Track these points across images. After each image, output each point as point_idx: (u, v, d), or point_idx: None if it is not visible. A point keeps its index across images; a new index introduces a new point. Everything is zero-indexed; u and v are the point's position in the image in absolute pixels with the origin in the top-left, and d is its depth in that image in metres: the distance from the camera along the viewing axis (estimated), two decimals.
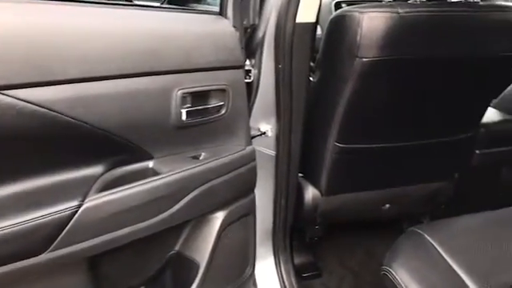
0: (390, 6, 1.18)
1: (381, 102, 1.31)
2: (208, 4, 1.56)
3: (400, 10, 1.16)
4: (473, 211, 1.92)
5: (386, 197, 1.59)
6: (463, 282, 1.01)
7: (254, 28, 1.20)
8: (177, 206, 0.98)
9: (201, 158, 1.06)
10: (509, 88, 1.67)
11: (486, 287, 0.99)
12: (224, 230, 1.13)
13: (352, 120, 1.34)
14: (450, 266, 1.06)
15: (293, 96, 1.26)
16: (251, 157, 1.17)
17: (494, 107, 1.79)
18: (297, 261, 1.63)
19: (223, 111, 1.08)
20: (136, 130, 0.93)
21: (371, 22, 1.17)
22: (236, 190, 1.14)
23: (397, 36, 1.18)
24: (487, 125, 1.64)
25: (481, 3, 1.31)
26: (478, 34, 1.26)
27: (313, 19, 1.20)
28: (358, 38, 1.18)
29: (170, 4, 1.63)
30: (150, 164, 0.99)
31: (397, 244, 1.17)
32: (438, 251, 1.10)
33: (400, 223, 1.87)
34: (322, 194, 1.50)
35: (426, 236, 1.14)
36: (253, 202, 1.23)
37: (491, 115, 1.63)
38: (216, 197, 1.08)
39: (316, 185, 1.50)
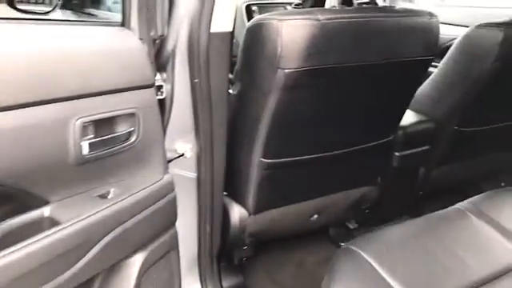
0: (310, 13, 1.11)
1: (306, 114, 1.24)
2: (109, 10, 1.38)
3: (321, 17, 1.09)
4: (393, 214, 1.97)
5: (315, 207, 1.54)
6: None
7: (163, 39, 1.06)
8: (84, 259, 0.82)
9: (110, 196, 0.90)
10: (420, 89, 1.70)
11: None
12: (144, 274, 0.99)
13: (277, 134, 1.25)
14: (389, 284, 1.01)
15: (212, 112, 1.14)
16: (170, 187, 1.03)
17: (409, 108, 1.82)
18: (225, 284, 1.52)
19: (133, 138, 0.93)
20: (24, 173, 0.75)
21: (292, 31, 1.08)
22: (155, 227, 1.00)
23: (319, 44, 1.11)
24: (404, 127, 1.65)
25: (396, 8, 1.29)
26: (394, 38, 1.23)
27: (229, 28, 1.08)
28: (279, 48, 1.09)
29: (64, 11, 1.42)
30: (46, 211, 0.82)
31: (333, 264, 1.10)
32: (376, 269, 1.05)
33: (326, 230, 1.84)
34: (249, 214, 1.40)
35: (361, 253, 1.09)
36: (174, 236, 1.09)
37: (407, 117, 1.65)
38: (132, 239, 0.93)
39: (243, 204, 1.40)
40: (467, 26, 1.62)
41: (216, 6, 1.01)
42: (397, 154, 1.67)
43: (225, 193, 1.36)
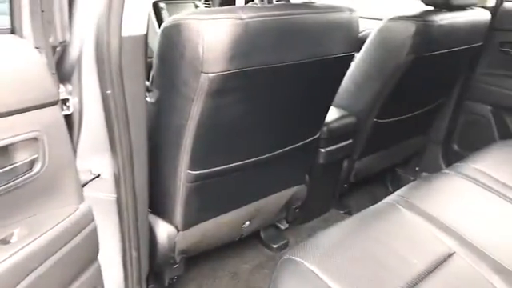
0: (231, 12, 1.02)
1: (233, 119, 1.16)
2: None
3: (243, 16, 1.01)
4: (322, 209, 1.97)
5: (247, 214, 1.47)
6: None
7: (66, 46, 0.91)
8: None
9: (13, 239, 0.75)
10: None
11: None
12: None
13: (204, 143, 1.16)
14: None
15: (129, 125, 1.01)
16: (87, 217, 0.89)
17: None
18: None
19: (38, 167, 0.78)
20: None
21: (214, 31, 0.99)
22: (74, 266, 0.86)
23: (244, 45, 1.03)
24: (327, 123, 1.64)
25: (316, 3, 1.25)
26: (318, 35, 1.20)
27: (143, 30, 0.96)
28: (201, 50, 0.99)
29: None
30: None
31: (276, 277, 1.04)
32: (320, 277, 1.00)
33: (258, 233, 1.78)
34: (178, 230, 1.29)
35: (303, 262, 1.04)
36: (98, 270, 0.95)
37: (330, 113, 1.63)
38: (48, 286, 0.78)
39: (170, 221, 1.28)
40: (380, 19, 1.64)
41: (126, 5, 0.89)
42: (322, 150, 1.66)
43: (149, 209, 1.24)
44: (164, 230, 1.28)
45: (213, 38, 0.99)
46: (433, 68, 1.71)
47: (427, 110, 1.98)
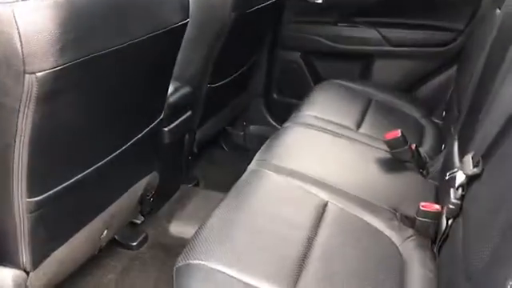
0: None
1: (75, 122, 0.93)
2: None
3: None
4: (174, 189, 1.85)
5: (102, 224, 1.26)
6: None
7: None
8: None
9: None
10: None
11: None
12: None
13: (42, 161, 0.91)
14: (249, 284, 0.91)
15: None
16: None
17: None
18: None
19: None
20: None
21: (32, 18, 0.74)
22: None
23: (74, 30, 0.80)
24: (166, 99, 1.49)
25: None
26: (154, 7, 1.03)
27: None
28: (19, 44, 0.74)
29: None
30: None
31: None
32: (227, 273, 0.92)
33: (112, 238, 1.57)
34: (27, 272, 1.02)
35: (204, 263, 0.94)
36: None
37: None
38: None
39: (15, 264, 1.00)
40: None
41: None
42: (166, 129, 1.52)
43: None
44: (9, 280, 1.00)
45: (33, 26, 0.74)
46: (253, 24, 1.71)
47: (249, 67, 2.00)
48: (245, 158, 2.12)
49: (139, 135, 1.24)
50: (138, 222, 1.62)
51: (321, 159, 1.39)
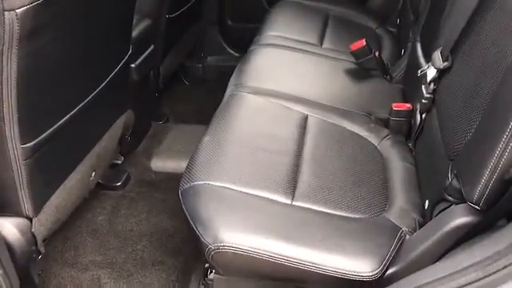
0: None
1: (60, 59, 0.92)
2: None
3: None
4: (147, 124, 1.84)
5: (90, 165, 1.25)
6: (269, 199, 0.97)
7: None
8: None
9: None
10: None
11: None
12: None
13: (32, 103, 0.89)
14: (254, 194, 0.97)
15: None
16: None
17: None
18: None
19: None
20: None
21: None
22: None
23: None
24: None
25: None
26: None
27: None
28: None
29: None
30: None
31: (192, 207, 0.95)
32: (232, 188, 0.98)
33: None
34: (31, 219, 1.03)
35: (212, 183, 0.98)
36: None
37: None
38: None
39: (17, 213, 1.00)
40: None
41: None
42: (133, 65, 1.49)
43: None
44: (13, 228, 1.00)
45: None
46: None
47: None
48: (206, 90, 2.14)
49: (114, 72, 1.22)
50: (119, 162, 1.62)
51: (294, 77, 1.44)
